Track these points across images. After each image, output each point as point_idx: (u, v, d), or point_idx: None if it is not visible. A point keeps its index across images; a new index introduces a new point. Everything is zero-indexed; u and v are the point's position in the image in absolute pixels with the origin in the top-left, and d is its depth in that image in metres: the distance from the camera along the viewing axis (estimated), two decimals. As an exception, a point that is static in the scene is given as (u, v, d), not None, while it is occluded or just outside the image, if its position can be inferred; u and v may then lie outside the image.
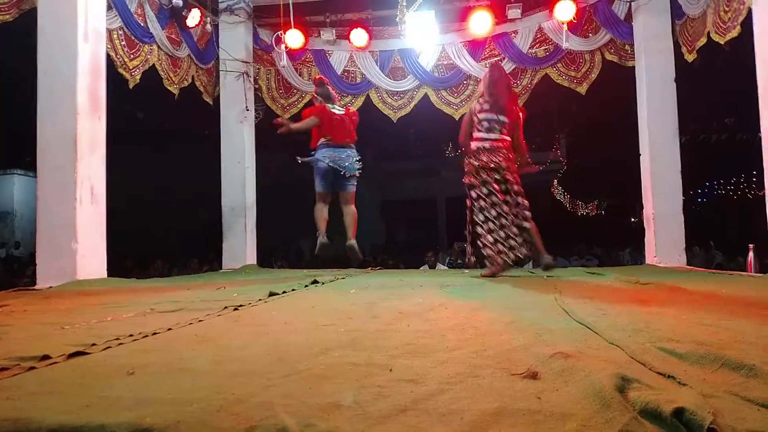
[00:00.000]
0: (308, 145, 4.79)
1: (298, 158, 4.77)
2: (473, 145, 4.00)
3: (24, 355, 1.43)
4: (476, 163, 3.95)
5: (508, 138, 4.03)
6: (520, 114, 4.14)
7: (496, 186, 3.91)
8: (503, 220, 3.89)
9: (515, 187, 3.96)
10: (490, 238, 3.88)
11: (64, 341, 1.63)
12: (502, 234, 3.86)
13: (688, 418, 0.87)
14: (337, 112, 4.80)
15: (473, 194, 3.99)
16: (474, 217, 4.00)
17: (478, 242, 3.98)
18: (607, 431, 0.87)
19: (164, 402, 1.04)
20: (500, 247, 3.85)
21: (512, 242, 3.86)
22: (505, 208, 3.91)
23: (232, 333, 1.87)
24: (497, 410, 0.97)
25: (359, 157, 4.82)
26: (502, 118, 3.98)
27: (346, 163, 4.67)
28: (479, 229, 3.94)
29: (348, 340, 1.67)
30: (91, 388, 1.17)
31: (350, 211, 4.86)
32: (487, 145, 3.94)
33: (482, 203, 3.93)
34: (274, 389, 1.12)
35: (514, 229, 3.89)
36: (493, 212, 3.89)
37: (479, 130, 3.99)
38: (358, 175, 4.79)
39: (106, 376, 1.28)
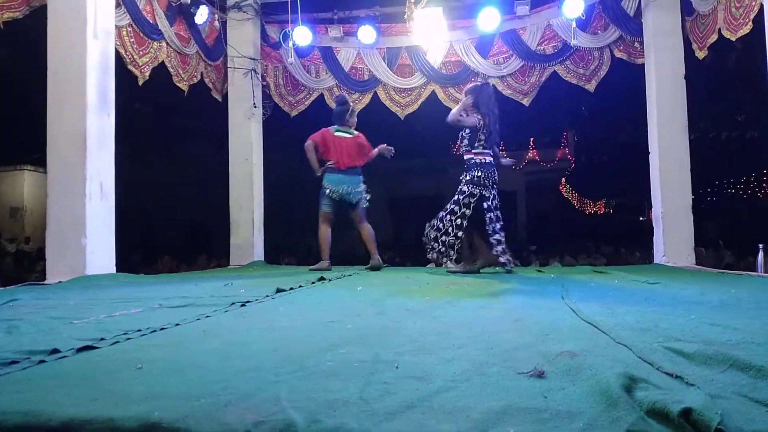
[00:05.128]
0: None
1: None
2: (486, 159, 4.37)
3: (34, 348, 1.45)
4: (491, 176, 4.34)
5: None
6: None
7: (495, 200, 4.38)
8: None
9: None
10: (500, 246, 4.29)
11: (73, 335, 1.65)
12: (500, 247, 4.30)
13: (695, 419, 0.86)
14: (343, 135, 4.84)
15: (488, 204, 4.33)
16: (486, 226, 4.33)
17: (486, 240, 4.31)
18: (614, 431, 0.87)
19: (172, 396, 1.05)
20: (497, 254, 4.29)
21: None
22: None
23: (239, 329, 1.88)
24: (503, 408, 0.97)
25: (364, 186, 4.90)
26: (491, 137, 4.42)
27: (350, 194, 4.79)
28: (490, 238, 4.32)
29: (355, 336, 1.67)
30: (99, 382, 1.18)
31: (365, 229, 4.95)
32: (492, 160, 4.41)
33: (498, 213, 4.35)
34: (282, 385, 1.13)
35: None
36: (501, 223, 4.36)
37: (485, 147, 4.38)
38: (366, 203, 4.91)
39: (115, 370, 1.29)
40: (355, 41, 6.73)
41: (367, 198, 4.93)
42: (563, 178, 18.35)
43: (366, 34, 6.57)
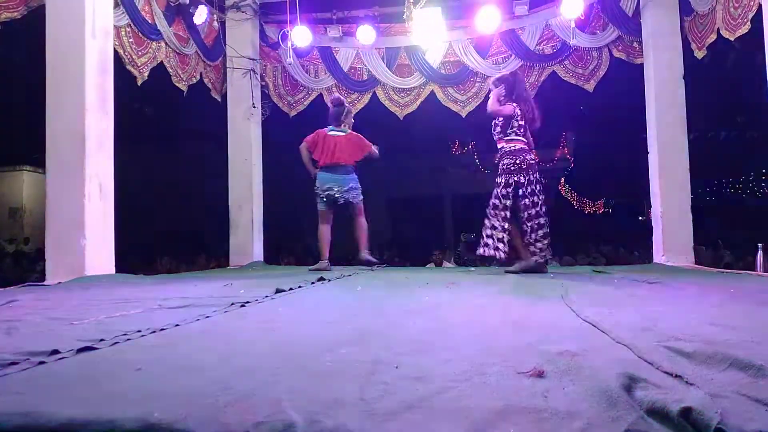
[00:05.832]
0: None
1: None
2: (516, 146, 4.26)
3: (33, 349, 1.44)
4: (524, 161, 4.21)
5: None
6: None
7: (539, 185, 4.25)
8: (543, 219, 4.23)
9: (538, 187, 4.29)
10: (536, 234, 4.18)
11: (73, 336, 1.64)
12: (541, 232, 4.19)
13: (695, 418, 0.86)
14: (336, 134, 4.86)
15: (523, 191, 4.22)
16: (519, 213, 4.24)
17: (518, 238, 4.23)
18: (613, 430, 0.87)
19: (172, 397, 1.05)
20: (539, 244, 4.17)
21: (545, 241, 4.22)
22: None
23: (239, 329, 1.88)
24: (503, 408, 0.97)
25: (355, 184, 4.88)
26: (527, 123, 4.34)
27: (338, 193, 4.78)
28: (524, 225, 4.21)
29: (354, 337, 1.67)
30: (99, 383, 1.18)
31: (359, 224, 4.98)
32: (525, 146, 4.28)
33: (534, 199, 4.20)
34: (281, 385, 1.13)
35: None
36: (543, 209, 4.22)
37: (517, 134, 4.28)
38: (359, 200, 4.90)
39: (115, 371, 1.29)
40: (354, 41, 6.74)
41: (357, 195, 4.92)
42: (562, 178, 18.35)
43: (365, 34, 6.57)
